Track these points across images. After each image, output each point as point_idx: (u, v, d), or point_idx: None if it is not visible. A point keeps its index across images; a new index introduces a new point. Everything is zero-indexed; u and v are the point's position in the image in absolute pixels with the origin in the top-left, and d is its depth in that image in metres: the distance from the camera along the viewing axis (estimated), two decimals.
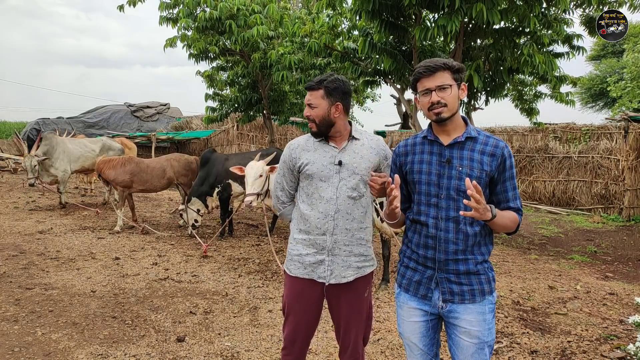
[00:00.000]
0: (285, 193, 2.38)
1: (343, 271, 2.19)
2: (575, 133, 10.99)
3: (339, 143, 2.24)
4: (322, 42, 7.37)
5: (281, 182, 2.37)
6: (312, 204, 2.21)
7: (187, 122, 19.85)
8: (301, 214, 2.26)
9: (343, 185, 2.18)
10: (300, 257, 2.24)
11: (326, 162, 2.20)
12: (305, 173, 2.23)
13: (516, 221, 1.88)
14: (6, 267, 5.19)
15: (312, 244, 2.21)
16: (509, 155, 1.88)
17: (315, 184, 2.21)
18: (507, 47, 6.42)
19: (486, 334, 1.88)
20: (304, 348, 2.33)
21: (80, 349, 3.32)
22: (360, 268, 2.23)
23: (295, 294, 2.27)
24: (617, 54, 21.41)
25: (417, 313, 1.98)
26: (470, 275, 1.88)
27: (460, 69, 1.90)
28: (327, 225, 2.18)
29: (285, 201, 2.40)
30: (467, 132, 1.91)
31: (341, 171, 2.18)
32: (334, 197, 2.17)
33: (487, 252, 1.93)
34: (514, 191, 1.90)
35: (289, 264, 2.30)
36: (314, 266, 2.20)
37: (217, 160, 6.99)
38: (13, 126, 25.37)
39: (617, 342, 3.58)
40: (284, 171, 2.35)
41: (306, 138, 2.33)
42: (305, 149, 2.26)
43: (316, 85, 2.16)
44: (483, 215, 1.75)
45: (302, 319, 2.27)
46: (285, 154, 2.34)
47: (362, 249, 2.24)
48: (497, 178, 1.88)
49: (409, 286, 1.99)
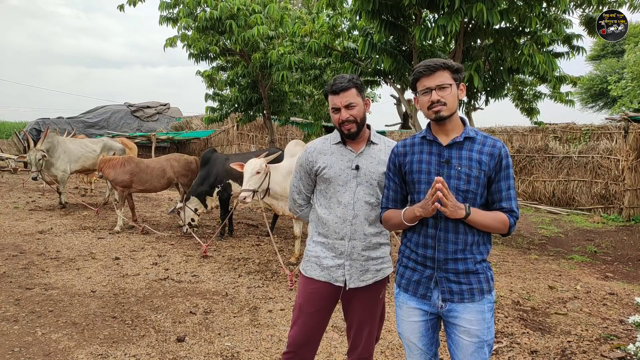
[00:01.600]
0: (302, 196, 2.38)
1: (361, 275, 2.19)
2: (575, 133, 11.00)
3: (357, 147, 2.22)
4: (322, 42, 7.37)
5: (298, 185, 2.37)
6: (330, 208, 2.20)
7: (187, 122, 19.84)
8: (319, 217, 2.25)
9: (360, 190, 2.17)
10: (318, 260, 2.22)
11: (343, 167, 2.19)
12: (323, 177, 2.22)
13: (504, 222, 1.86)
14: (6, 267, 5.19)
15: (330, 247, 2.20)
16: (505, 155, 1.90)
17: (332, 188, 2.20)
18: (507, 47, 6.42)
19: (485, 332, 1.88)
20: (308, 355, 2.28)
21: (80, 349, 3.32)
22: (379, 271, 2.23)
23: (308, 294, 2.25)
24: (617, 54, 21.42)
25: (417, 313, 1.98)
26: (469, 274, 1.88)
27: (459, 69, 1.91)
28: (345, 230, 2.17)
29: (302, 204, 2.40)
30: (466, 133, 1.92)
31: (358, 176, 2.17)
32: (351, 201, 2.16)
33: (485, 251, 1.94)
34: (509, 191, 1.89)
35: (305, 265, 2.29)
36: (332, 269, 2.19)
37: (218, 160, 6.99)
38: (13, 126, 25.36)
39: (617, 342, 3.58)
40: (300, 174, 2.34)
41: (322, 141, 2.31)
42: (322, 152, 2.25)
43: (348, 85, 2.13)
44: (453, 212, 1.76)
45: (312, 320, 2.24)
46: (302, 158, 2.33)
47: (380, 252, 2.23)
48: (493, 177, 1.90)
49: (408, 286, 1.99)
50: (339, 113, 2.15)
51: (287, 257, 5.96)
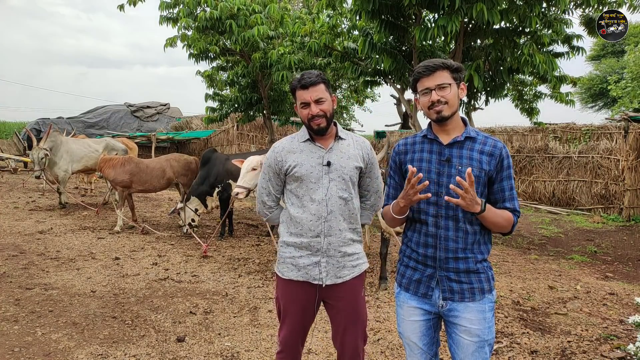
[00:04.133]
0: (272, 197, 2.33)
1: (338, 271, 2.19)
2: (575, 133, 10.99)
3: (326, 143, 2.22)
4: (322, 42, 7.37)
5: (267, 186, 2.32)
6: (303, 207, 2.18)
7: (187, 122, 19.84)
8: (291, 217, 2.22)
9: (333, 186, 2.16)
10: (294, 260, 2.20)
11: (314, 163, 2.17)
12: (294, 175, 2.19)
13: (510, 221, 1.89)
14: (6, 267, 5.19)
15: (305, 246, 2.18)
16: (506, 156, 1.91)
17: (305, 186, 2.18)
18: (507, 47, 6.42)
19: (486, 332, 1.89)
20: (299, 349, 2.32)
21: (80, 349, 3.32)
22: (355, 267, 2.23)
23: (289, 297, 2.24)
24: (617, 54, 21.43)
25: (417, 312, 1.98)
26: (470, 273, 1.89)
27: (458, 69, 1.92)
28: (320, 227, 2.16)
29: (272, 206, 2.35)
30: (467, 132, 1.93)
31: (330, 172, 2.16)
32: (325, 198, 2.15)
33: (486, 250, 1.95)
34: (511, 191, 1.91)
35: (281, 266, 2.26)
36: (308, 268, 2.18)
37: (218, 160, 7.00)
38: (13, 126, 25.37)
39: (617, 342, 3.58)
40: (269, 175, 2.30)
41: (290, 139, 2.28)
42: (291, 151, 2.22)
43: (317, 79, 2.13)
44: (470, 206, 1.77)
45: (299, 321, 2.24)
46: (270, 158, 2.29)
47: (354, 248, 2.24)
48: (494, 177, 1.91)
49: (409, 285, 2.00)
50: (309, 108, 2.14)
51: None
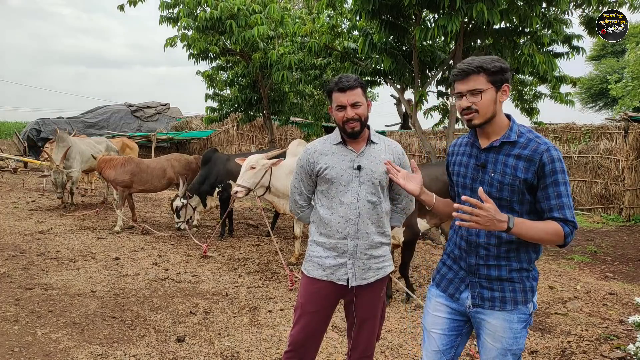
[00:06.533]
0: (303, 197, 2.38)
1: (364, 273, 2.20)
2: (575, 133, 10.99)
3: (358, 146, 2.23)
4: (322, 42, 7.37)
5: (299, 186, 2.36)
6: (333, 208, 2.21)
7: (187, 122, 19.85)
8: (321, 218, 2.25)
9: (363, 189, 2.17)
10: (320, 259, 2.23)
11: (345, 167, 2.19)
12: (325, 177, 2.22)
13: (557, 233, 1.68)
14: (6, 267, 5.19)
15: (333, 247, 2.21)
16: (550, 160, 1.70)
17: (334, 189, 2.20)
18: (507, 47, 6.42)
19: (511, 342, 1.79)
20: (309, 354, 2.29)
21: (80, 349, 3.32)
22: (380, 269, 2.25)
23: (310, 294, 2.25)
24: (617, 54, 21.43)
25: (443, 309, 1.96)
26: (503, 281, 1.79)
27: (499, 71, 1.74)
28: (348, 229, 2.18)
29: (303, 205, 2.40)
30: (506, 136, 1.78)
31: (360, 175, 2.18)
32: (354, 201, 2.17)
33: (526, 259, 1.80)
34: (559, 200, 1.70)
35: (307, 265, 2.29)
36: (334, 269, 2.20)
37: (219, 160, 7.00)
38: (13, 126, 25.38)
39: (617, 342, 3.58)
40: (301, 176, 2.34)
41: (322, 141, 2.31)
42: (323, 153, 2.25)
43: (355, 84, 2.14)
44: (491, 226, 1.61)
45: (314, 319, 2.25)
46: (302, 159, 2.32)
47: (381, 251, 2.25)
48: (537, 184, 1.73)
49: (440, 282, 1.99)
50: (344, 111, 2.14)
51: (287, 257, 5.96)
